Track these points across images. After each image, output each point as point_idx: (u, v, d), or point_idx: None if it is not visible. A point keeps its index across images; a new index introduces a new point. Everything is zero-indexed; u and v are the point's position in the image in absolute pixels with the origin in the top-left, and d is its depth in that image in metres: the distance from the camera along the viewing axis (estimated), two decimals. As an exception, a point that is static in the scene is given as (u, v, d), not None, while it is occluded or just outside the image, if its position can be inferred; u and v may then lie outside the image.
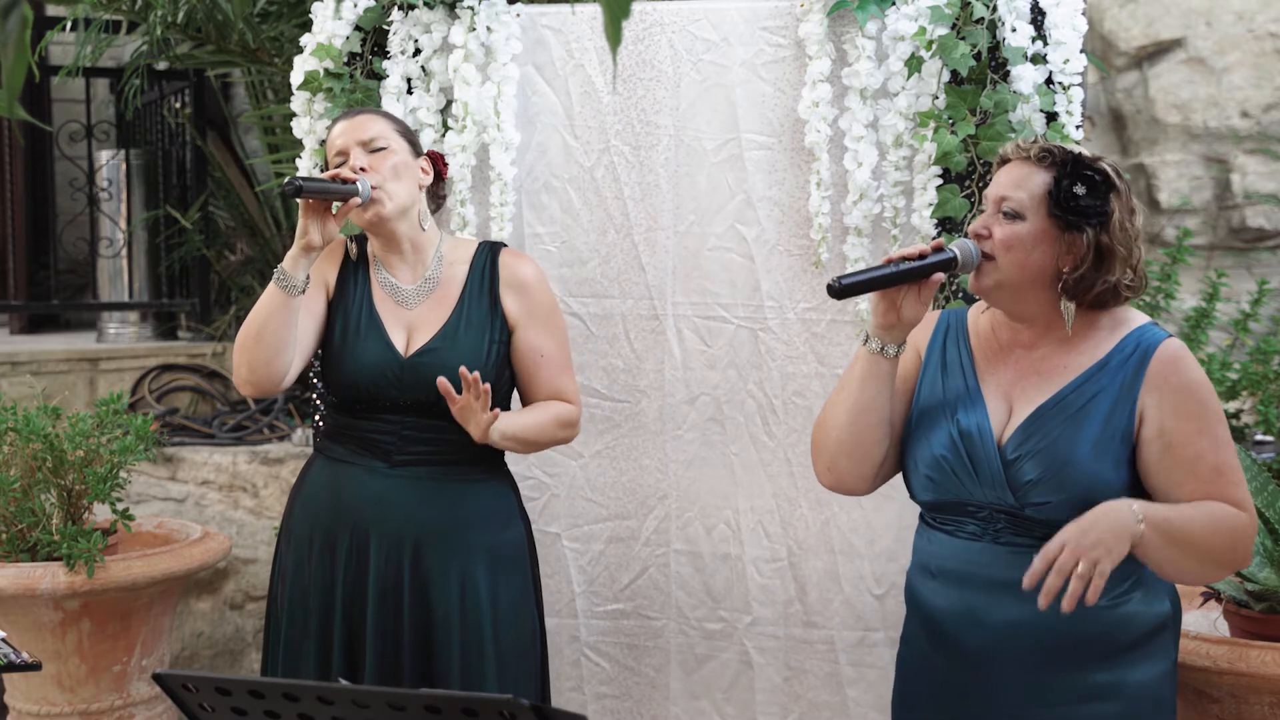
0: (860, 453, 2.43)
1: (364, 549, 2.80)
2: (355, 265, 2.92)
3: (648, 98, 3.30)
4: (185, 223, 5.94)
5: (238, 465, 4.87)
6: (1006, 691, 2.35)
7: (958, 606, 2.37)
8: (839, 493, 2.55)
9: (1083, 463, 2.28)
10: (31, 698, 3.76)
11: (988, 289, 2.34)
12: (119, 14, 4.95)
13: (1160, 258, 4.97)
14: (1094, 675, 2.32)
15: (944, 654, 2.41)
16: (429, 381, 2.74)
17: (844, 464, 2.44)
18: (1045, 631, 2.30)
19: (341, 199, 2.72)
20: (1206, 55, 5.44)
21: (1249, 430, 4.51)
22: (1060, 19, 3.03)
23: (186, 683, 1.75)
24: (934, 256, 2.32)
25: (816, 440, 2.48)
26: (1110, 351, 2.33)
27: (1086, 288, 2.30)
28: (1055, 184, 2.29)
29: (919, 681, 2.47)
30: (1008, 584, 2.30)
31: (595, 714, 3.38)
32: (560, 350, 2.89)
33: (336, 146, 2.82)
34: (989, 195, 2.36)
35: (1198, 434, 2.30)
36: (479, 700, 1.64)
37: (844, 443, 2.42)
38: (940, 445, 2.37)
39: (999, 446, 2.34)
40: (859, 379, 2.39)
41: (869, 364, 2.38)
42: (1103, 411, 2.30)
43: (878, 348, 2.37)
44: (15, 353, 5.47)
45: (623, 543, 3.36)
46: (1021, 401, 2.36)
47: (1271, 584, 3.00)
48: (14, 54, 1.28)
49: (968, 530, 2.37)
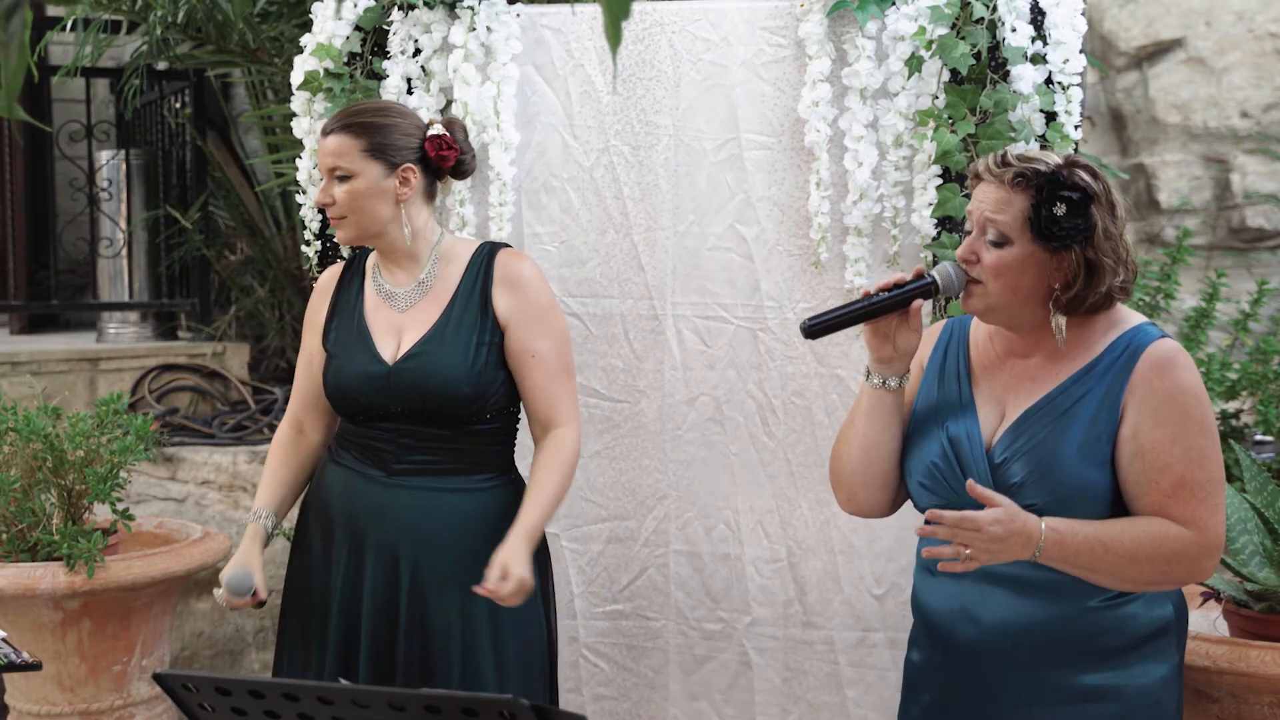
0: (877, 483, 2.43)
1: (360, 557, 2.79)
2: (349, 281, 2.92)
3: (647, 97, 3.30)
4: (185, 223, 5.94)
5: (238, 465, 4.87)
6: (1002, 690, 2.35)
7: (952, 604, 2.38)
8: (863, 518, 2.56)
9: (1068, 464, 2.27)
10: (31, 698, 3.76)
11: (978, 311, 2.34)
12: (119, 14, 4.95)
13: (1160, 258, 4.97)
14: (1089, 676, 2.31)
15: (941, 653, 2.42)
16: (415, 388, 2.74)
17: (862, 494, 2.45)
18: (1037, 630, 2.31)
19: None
20: (1206, 55, 5.44)
21: (1249, 430, 4.51)
22: (1060, 19, 3.03)
23: (186, 683, 1.76)
24: (911, 284, 2.31)
25: (833, 471, 2.49)
26: (1102, 353, 2.31)
27: (1080, 301, 2.28)
28: (1034, 210, 2.25)
29: (924, 685, 2.47)
30: (1000, 580, 2.32)
31: (594, 715, 3.38)
32: (556, 353, 2.82)
33: (322, 165, 2.84)
34: (971, 213, 2.34)
35: (1171, 443, 2.25)
36: (479, 700, 1.64)
37: (858, 475, 2.43)
38: (932, 453, 2.37)
39: (988, 451, 2.33)
40: (865, 413, 2.40)
41: (872, 399, 2.39)
42: (1089, 413, 2.28)
43: (879, 382, 2.37)
44: (15, 353, 5.47)
45: (622, 543, 3.36)
46: (1014, 406, 2.36)
47: (1271, 584, 3.00)
48: (15, 55, 1.28)
49: None
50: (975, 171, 2.34)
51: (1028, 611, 2.31)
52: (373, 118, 2.81)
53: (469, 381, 2.76)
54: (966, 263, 2.31)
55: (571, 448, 2.82)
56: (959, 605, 2.37)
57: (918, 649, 2.48)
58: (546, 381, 2.81)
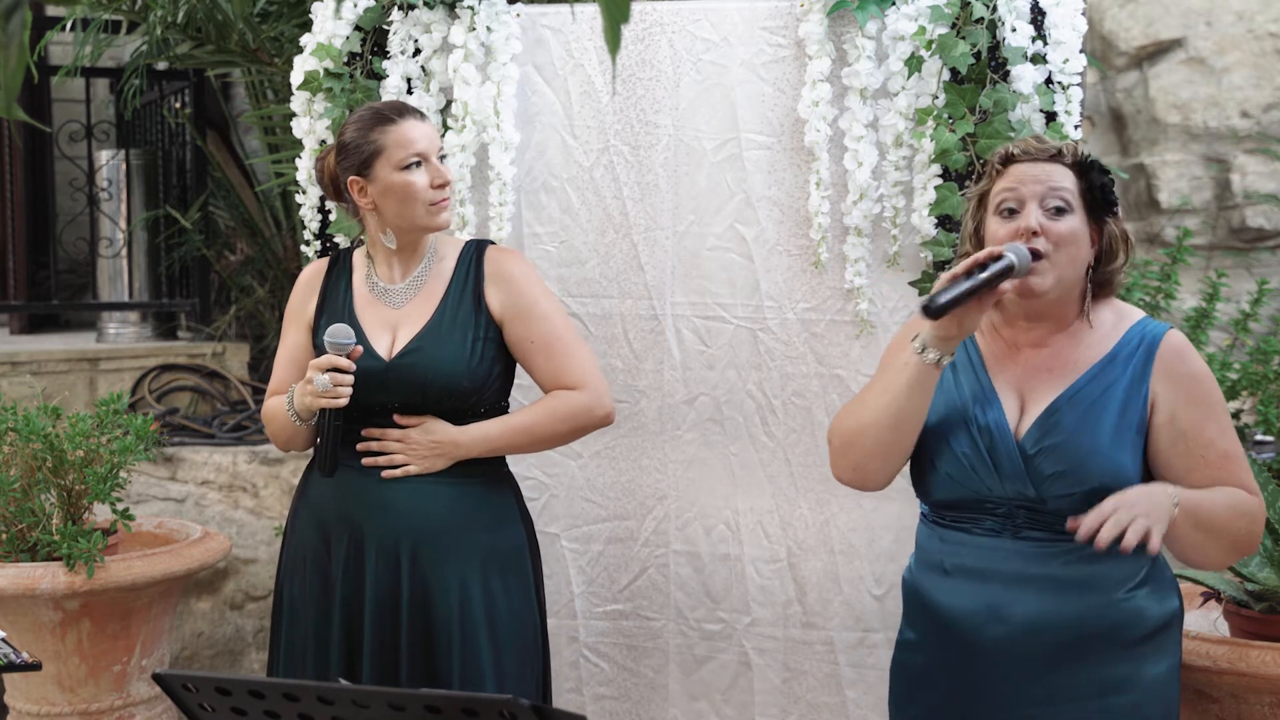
0: (895, 454, 2.43)
1: (360, 554, 2.80)
2: (336, 278, 2.92)
3: (647, 97, 3.30)
4: (185, 223, 5.94)
5: (238, 465, 4.87)
6: (1027, 688, 2.36)
7: (977, 603, 2.37)
8: (856, 489, 2.54)
9: (1103, 453, 2.31)
10: (31, 698, 3.76)
11: (1047, 288, 2.33)
12: (119, 14, 4.95)
13: (1160, 258, 4.96)
14: (1109, 669, 2.35)
15: (958, 653, 2.40)
16: (414, 383, 2.77)
17: (874, 465, 2.44)
18: (1064, 626, 2.33)
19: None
20: (1206, 55, 5.44)
21: (1249, 430, 4.52)
22: (1060, 19, 3.04)
23: (186, 683, 1.76)
24: (995, 265, 2.29)
25: (844, 441, 2.45)
26: (1117, 344, 2.37)
27: (1108, 277, 2.39)
28: (1087, 179, 2.35)
29: (922, 686, 2.47)
30: (1030, 579, 2.34)
31: (594, 715, 3.38)
32: (556, 336, 2.84)
33: (418, 147, 2.79)
34: (1016, 196, 2.35)
35: (1206, 419, 2.36)
36: (479, 700, 1.64)
37: (882, 445, 2.41)
38: (960, 443, 2.38)
39: (1017, 442, 2.35)
40: (907, 386, 2.36)
41: (921, 373, 2.35)
42: (1118, 402, 2.33)
43: (934, 359, 2.33)
44: (15, 353, 5.47)
45: (622, 543, 3.36)
46: (1034, 397, 2.38)
47: (1271, 584, 3.00)
48: (15, 55, 1.28)
49: (985, 526, 2.38)
50: (1006, 154, 2.38)
51: (1058, 607, 2.33)
52: None
53: (467, 375, 2.79)
54: (1032, 236, 2.32)
55: (570, 400, 2.83)
56: (985, 605, 2.37)
57: (921, 651, 2.47)
58: (549, 361, 2.84)
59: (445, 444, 2.79)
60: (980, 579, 2.37)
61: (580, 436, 2.94)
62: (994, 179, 2.40)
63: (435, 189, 2.80)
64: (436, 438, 2.79)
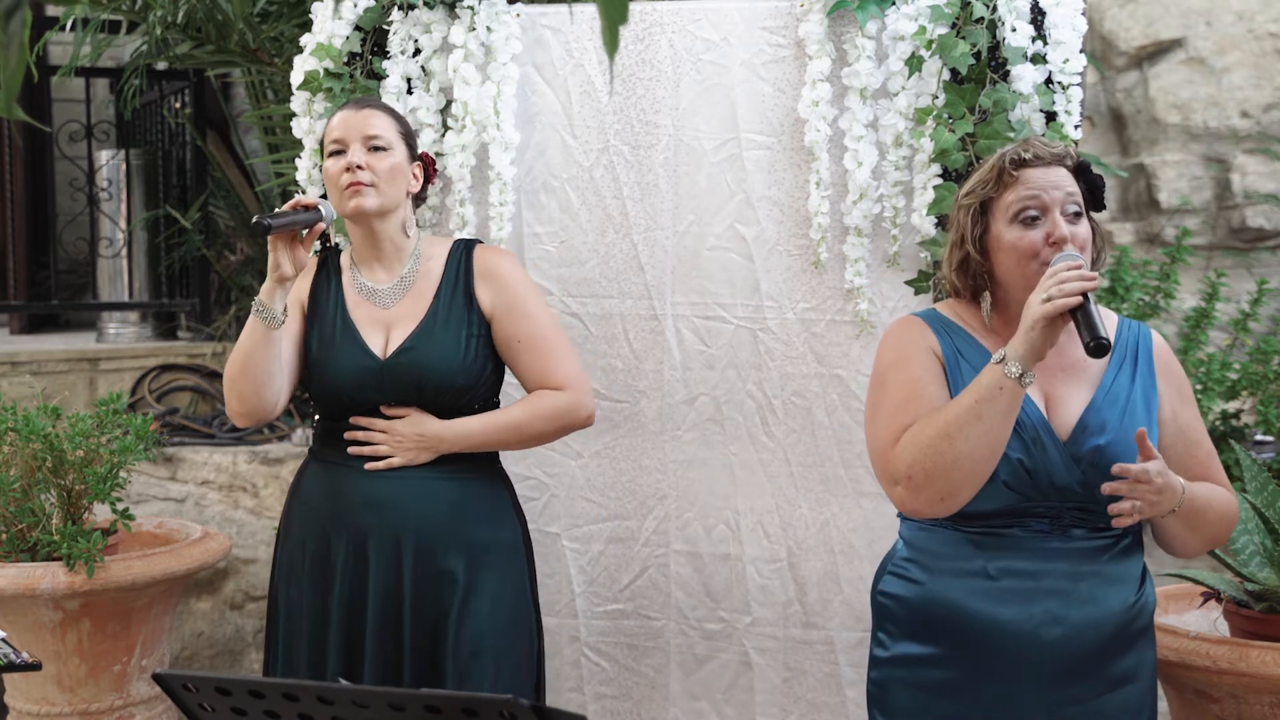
0: (987, 477, 2.32)
1: (362, 552, 2.81)
2: (328, 275, 2.92)
3: (647, 97, 3.30)
4: (185, 223, 5.94)
5: (238, 465, 4.87)
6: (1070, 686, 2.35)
7: (1033, 606, 2.34)
8: (929, 516, 2.38)
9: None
10: (31, 698, 3.76)
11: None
12: (118, 14, 4.95)
13: (1160, 258, 4.97)
14: (1124, 660, 2.39)
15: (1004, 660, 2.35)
16: (410, 381, 2.79)
17: (965, 493, 2.31)
18: (1111, 620, 2.37)
19: (307, 226, 2.73)
20: (1206, 55, 5.44)
21: (1249, 430, 4.52)
22: (1060, 19, 3.03)
23: (186, 683, 1.75)
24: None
25: (930, 475, 2.29)
26: (1117, 342, 2.42)
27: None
28: (1087, 180, 2.38)
29: (940, 697, 2.40)
30: (1083, 576, 2.35)
31: (595, 714, 3.38)
32: (541, 335, 2.86)
33: (335, 134, 2.84)
34: (1039, 204, 2.33)
35: (1194, 418, 2.46)
36: (479, 700, 1.63)
37: (978, 475, 2.29)
38: (1013, 448, 2.32)
39: (1063, 442, 2.35)
40: (1004, 412, 2.26)
41: (1015, 397, 2.27)
42: (1140, 399, 2.39)
43: (1030, 381, 2.27)
44: (15, 353, 5.47)
45: (622, 543, 3.36)
46: (1059, 395, 2.38)
47: (1271, 584, 3.00)
48: (15, 55, 1.28)
49: (1034, 529, 2.36)
50: (1019, 158, 2.36)
51: (1107, 602, 2.36)
52: (396, 110, 2.99)
53: (462, 373, 2.81)
54: (1059, 243, 2.32)
55: (553, 401, 2.85)
56: (1042, 607, 2.34)
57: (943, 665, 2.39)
58: (535, 360, 2.86)
59: (430, 437, 2.80)
60: (1033, 580, 2.35)
61: (562, 435, 2.97)
62: (1005, 185, 2.36)
63: (346, 173, 2.79)
64: (421, 430, 2.80)
